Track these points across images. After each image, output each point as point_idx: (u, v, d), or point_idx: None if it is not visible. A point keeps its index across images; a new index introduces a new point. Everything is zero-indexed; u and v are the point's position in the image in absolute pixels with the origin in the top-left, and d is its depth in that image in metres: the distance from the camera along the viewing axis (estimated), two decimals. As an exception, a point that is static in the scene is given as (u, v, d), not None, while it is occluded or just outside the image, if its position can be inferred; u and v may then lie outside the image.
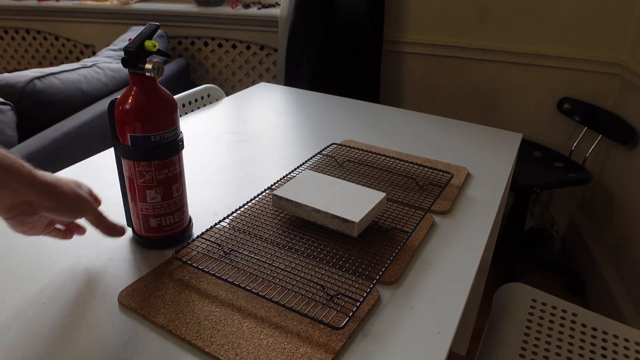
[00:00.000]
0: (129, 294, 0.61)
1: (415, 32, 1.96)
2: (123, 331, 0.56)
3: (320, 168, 0.94)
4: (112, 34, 2.44)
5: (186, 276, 0.64)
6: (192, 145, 1.04)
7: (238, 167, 0.97)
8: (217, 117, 1.22)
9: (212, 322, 0.56)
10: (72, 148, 1.39)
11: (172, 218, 0.68)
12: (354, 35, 1.92)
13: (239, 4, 2.23)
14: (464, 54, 1.91)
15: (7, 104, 1.31)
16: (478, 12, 1.83)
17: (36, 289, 0.62)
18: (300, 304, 0.59)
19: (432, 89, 2.03)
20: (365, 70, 1.96)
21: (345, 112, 1.27)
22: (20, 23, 2.62)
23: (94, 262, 0.67)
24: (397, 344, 0.55)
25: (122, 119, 0.62)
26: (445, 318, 0.59)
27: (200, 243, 0.70)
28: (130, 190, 0.66)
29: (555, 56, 1.79)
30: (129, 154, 0.63)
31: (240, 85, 2.34)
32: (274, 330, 0.56)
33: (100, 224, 0.64)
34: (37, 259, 0.67)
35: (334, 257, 0.68)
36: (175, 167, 0.66)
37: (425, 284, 0.65)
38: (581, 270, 1.79)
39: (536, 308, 0.93)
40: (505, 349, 0.84)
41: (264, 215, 0.78)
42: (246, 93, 1.40)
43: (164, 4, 2.36)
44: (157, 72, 0.59)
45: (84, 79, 1.56)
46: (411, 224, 0.76)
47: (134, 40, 0.60)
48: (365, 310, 0.59)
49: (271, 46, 2.20)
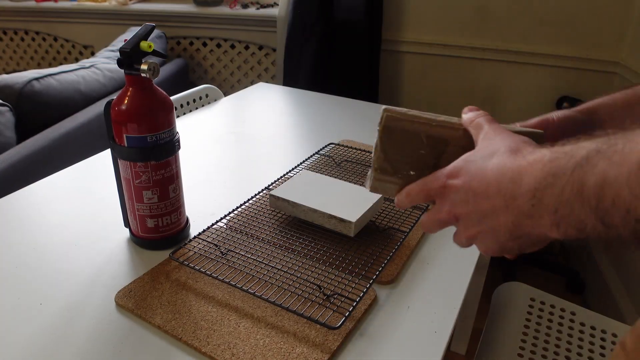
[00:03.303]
0: (125, 294, 0.61)
1: (413, 32, 1.96)
2: (120, 331, 0.56)
3: (317, 168, 0.94)
4: (110, 34, 2.44)
5: (183, 276, 0.64)
6: (190, 146, 1.04)
7: (236, 167, 0.97)
8: (216, 117, 1.22)
9: (209, 323, 0.56)
10: (71, 149, 1.39)
11: (169, 218, 0.68)
12: (353, 34, 1.92)
13: (237, 4, 2.23)
14: (463, 53, 1.91)
15: (6, 105, 1.31)
16: (477, 11, 1.83)
17: (33, 290, 0.62)
18: (296, 304, 0.59)
19: (431, 89, 2.03)
20: (364, 69, 1.96)
21: (343, 112, 1.27)
22: (18, 24, 2.62)
23: (91, 262, 0.67)
24: (393, 343, 0.55)
25: (118, 119, 0.62)
26: (442, 317, 0.59)
27: (197, 243, 0.70)
28: (127, 190, 0.67)
29: (554, 55, 1.79)
30: (125, 154, 0.63)
31: (238, 85, 2.34)
32: (270, 330, 0.56)
33: None
34: (35, 260, 0.67)
35: (331, 257, 0.68)
36: (172, 168, 0.66)
37: (422, 284, 0.65)
38: (581, 269, 1.79)
39: (535, 307, 0.93)
40: (504, 347, 0.84)
41: (261, 216, 0.78)
42: (245, 93, 1.40)
43: (162, 5, 2.36)
44: (152, 73, 0.59)
45: (83, 79, 1.56)
46: (408, 224, 0.76)
47: (130, 41, 0.60)
48: (362, 310, 0.59)
49: (270, 46, 2.20)
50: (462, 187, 0.40)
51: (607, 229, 0.29)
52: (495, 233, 0.38)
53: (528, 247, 0.39)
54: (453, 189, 0.41)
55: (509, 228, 0.37)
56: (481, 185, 0.39)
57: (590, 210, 0.30)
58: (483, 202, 0.38)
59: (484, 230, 0.39)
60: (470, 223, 0.40)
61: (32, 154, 1.27)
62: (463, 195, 0.40)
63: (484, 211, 0.38)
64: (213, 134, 1.11)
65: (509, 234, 0.37)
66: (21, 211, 0.79)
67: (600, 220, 0.30)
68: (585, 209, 0.30)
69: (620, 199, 0.28)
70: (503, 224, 0.37)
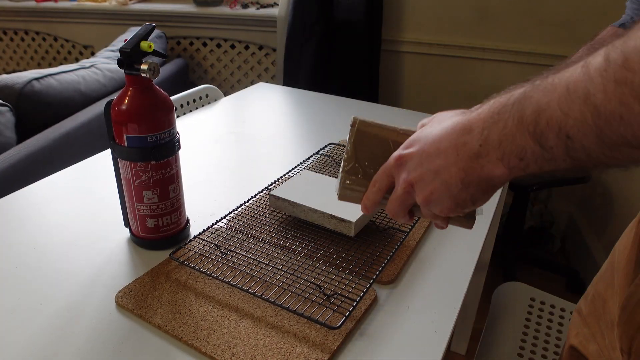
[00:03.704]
0: (126, 294, 0.61)
1: (413, 32, 1.96)
2: (120, 331, 0.56)
3: (318, 168, 0.94)
4: (110, 34, 2.44)
5: (183, 276, 0.64)
6: (190, 146, 1.04)
7: (236, 167, 0.97)
8: (216, 117, 1.22)
9: (209, 323, 0.56)
10: (71, 149, 1.39)
11: (169, 218, 0.68)
12: (353, 34, 1.92)
13: (237, 4, 2.23)
14: (463, 53, 1.91)
15: (6, 105, 1.31)
16: (476, 11, 1.83)
17: (33, 290, 0.62)
18: (296, 303, 0.59)
19: (431, 89, 2.03)
20: (364, 69, 1.96)
21: (343, 112, 1.27)
22: (19, 24, 2.62)
23: (91, 262, 0.67)
24: (394, 343, 0.55)
25: (118, 119, 0.62)
26: (442, 317, 0.59)
27: (197, 243, 0.70)
28: (127, 190, 0.67)
29: (554, 55, 1.79)
30: (126, 154, 0.63)
31: (238, 85, 2.34)
32: (270, 330, 0.56)
33: None
34: (35, 260, 0.67)
35: (331, 257, 0.68)
36: (172, 168, 0.66)
37: (423, 284, 0.65)
38: (580, 269, 1.79)
39: (535, 307, 0.93)
40: (503, 347, 0.84)
41: (261, 216, 0.78)
42: (245, 93, 1.40)
43: (162, 5, 2.36)
44: (152, 73, 0.59)
45: (83, 79, 1.56)
46: (408, 224, 0.76)
47: (130, 41, 0.60)
48: (362, 309, 0.59)
49: (270, 46, 2.20)
50: (416, 153, 0.43)
51: (544, 151, 0.34)
52: (448, 186, 0.41)
53: (479, 197, 0.41)
54: (408, 157, 0.44)
55: (461, 177, 0.40)
56: (433, 145, 0.42)
57: (529, 135, 0.34)
58: (435, 160, 0.41)
59: (437, 187, 0.42)
60: (424, 184, 0.43)
61: (32, 154, 1.27)
62: (417, 160, 0.43)
63: (436, 168, 0.41)
64: (213, 134, 1.11)
65: (460, 183, 0.40)
66: (21, 211, 0.79)
67: (537, 143, 0.34)
68: (524, 135, 0.34)
69: (553, 120, 0.32)
70: (455, 174, 0.40)
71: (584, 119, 0.30)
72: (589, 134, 0.30)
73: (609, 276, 0.55)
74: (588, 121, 0.30)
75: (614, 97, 0.28)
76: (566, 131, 0.32)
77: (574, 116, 0.31)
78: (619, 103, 0.28)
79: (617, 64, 0.28)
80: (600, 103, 0.29)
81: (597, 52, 0.30)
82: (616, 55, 0.28)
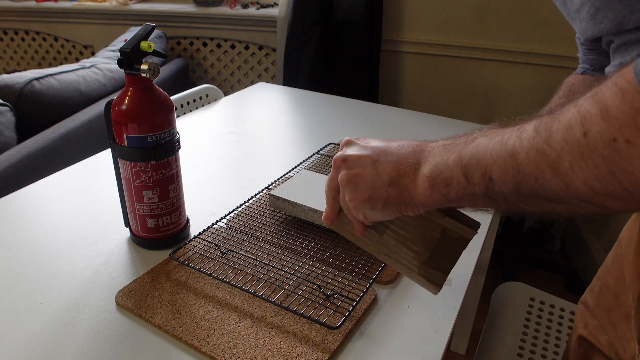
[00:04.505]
0: (126, 294, 0.61)
1: (413, 32, 1.96)
2: (120, 331, 0.56)
3: (317, 168, 0.94)
4: (111, 34, 2.44)
5: (183, 276, 0.64)
6: (190, 145, 1.04)
7: (236, 167, 0.97)
8: (216, 117, 1.22)
9: (209, 322, 0.57)
10: (71, 149, 1.39)
11: (169, 218, 0.68)
12: (353, 34, 1.92)
13: (237, 4, 2.23)
14: (463, 53, 1.91)
15: (6, 105, 1.31)
16: (477, 11, 1.83)
17: (33, 290, 0.62)
18: (296, 303, 0.59)
19: (431, 89, 2.03)
20: (364, 69, 1.96)
21: (343, 112, 1.27)
22: (19, 24, 2.62)
23: (91, 262, 0.67)
24: (393, 343, 0.55)
25: (119, 119, 0.62)
26: (441, 317, 0.59)
27: (197, 243, 0.70)
28: (127, 190, 0.67)
29: (554, 55, 1.79)
30: (126, 154, 0.63)
31: (239, 85, 2.34)
32: (270, 330, 0.56)
33: None
34: (35, 260, 0.67)
35: (331, 257, 0.68)
36: (172, 168, 0.66)
37: (422, 284, 0.65)
38: (580, 269, 1.79)
39: (534, 307, 0.93)
40: (503, 347, 0.84)
41: (261, 215, 0.78)
42: (245, 93, 1.40)
43: (162, 5, 2.36)
44: (152, 73, 0.59)
45: (83, 79, 1.56)
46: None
47: (130, 41, 0.60)
48: (362, 309, 0.59)
49: (270, 46, 2.20)
50: (361, 141, 0.47)
51: (468, 185, 0.39)
52: (375, 176, 0.44)
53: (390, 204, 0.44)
54: (352, 142, 0.48)
55: (392, 174, 0.43)
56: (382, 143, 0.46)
57: (460, 168, 0.39)
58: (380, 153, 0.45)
59: (366, 172, 0.45)
60: (357, 164, 0.45)
61: (32, 154, 1.27)
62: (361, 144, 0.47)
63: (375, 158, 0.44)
64: (213, 134, 1.11)
65: (388, 179, 0.43)
66: (21, 211, 0.79)
67: (465, 176, 0.39)
68: (457, 166, 0.39)
69: (483, 162, 0.37)
70: (389, 170, 0.44)
71: (506, 169, 0.36)
72: (508, 183, 0.36)
73: (618, 268, 0.56)
74: (509, 172, 0.35)
75: (533, 162, 0.34)
76: (490, 174, 0.37)
77: (499, 164, 0.36)
78: (536, 167, 0.33)
79: (542, 137, 0.33)
80: (522, 162, 0.34)
81: (531, 121, 0.36)
82: (543, 130, 0.33)
